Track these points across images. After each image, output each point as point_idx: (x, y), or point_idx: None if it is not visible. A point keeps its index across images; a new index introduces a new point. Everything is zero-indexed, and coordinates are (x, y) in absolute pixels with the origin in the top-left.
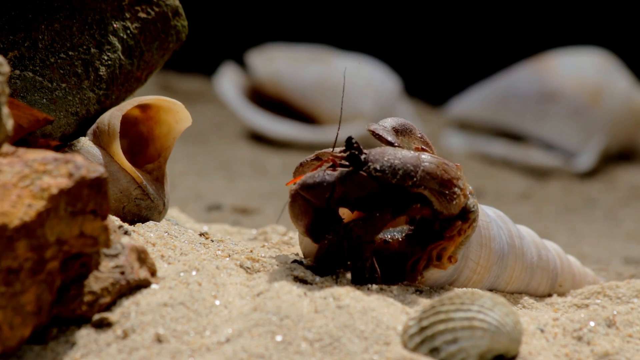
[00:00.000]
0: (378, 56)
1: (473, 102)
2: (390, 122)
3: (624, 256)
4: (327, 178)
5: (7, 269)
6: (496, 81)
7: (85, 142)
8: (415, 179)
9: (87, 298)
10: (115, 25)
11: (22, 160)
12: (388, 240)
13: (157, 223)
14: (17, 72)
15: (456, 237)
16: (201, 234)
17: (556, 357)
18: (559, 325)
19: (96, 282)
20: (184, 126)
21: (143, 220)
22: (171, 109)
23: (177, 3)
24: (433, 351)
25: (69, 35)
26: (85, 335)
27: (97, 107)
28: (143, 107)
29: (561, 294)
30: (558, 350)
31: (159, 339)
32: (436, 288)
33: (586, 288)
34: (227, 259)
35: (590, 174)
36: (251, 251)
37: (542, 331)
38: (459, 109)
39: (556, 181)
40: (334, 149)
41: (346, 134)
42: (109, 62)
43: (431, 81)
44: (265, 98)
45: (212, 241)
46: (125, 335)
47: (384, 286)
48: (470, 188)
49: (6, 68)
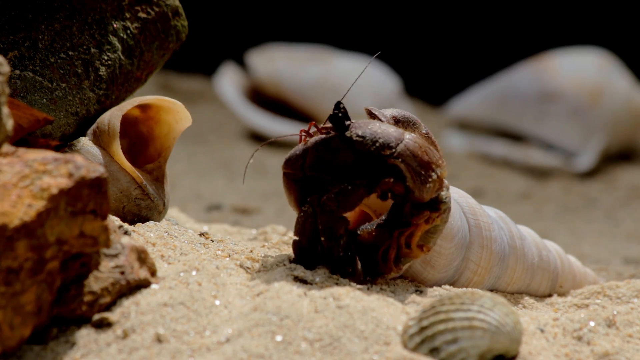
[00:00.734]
0: (378, 56)
1: (473, 102)
2: (391, 111)
3: (624, 256)
4: (302, 147)
5: (7, 269)
6: (496, 81)
7: (85, 142)
8: (393, 150)
9: (87, 298)
10: (115, 25)
11: (22, 160)
12: (358, 233)
13: (157, 223)
14: (17, 72)
15: (422, 225)
16: (201, 234)
17: (556, 357)
18: (559, 325)
19: (96, 282)
20: (184, 126)
21: (143, 220)
22: (171, 109)
23: (177, 3)
24: (433, 351)
25: (69, 35)
26: (85, 335)
27: (97, 107)
28: (143, 107)
29: (561, 294)
30: (558, 350)
31: (159, 339)
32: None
33: (586, 288)
34: (227, 259)
35: (590, 174)
36: (251, 251)
37: (542, 331)
38: (459, 109)
39: (556, 181)
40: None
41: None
42: (109, 62)
43: (431, 81)
44: (265, 98)
45: (212, 241)
46: (125, 335)
47: (385, 286)
48: (446, 182)
49: (6, 68)
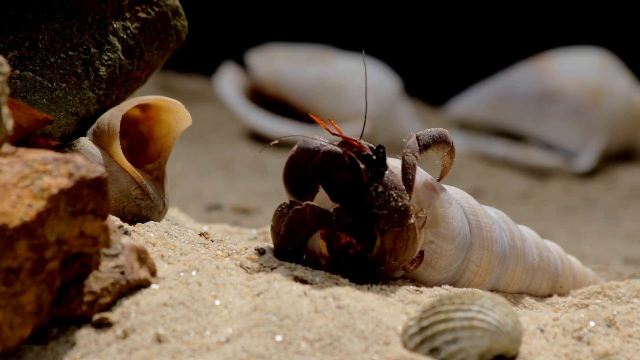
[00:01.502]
0: (378, 56)
1: (473, 102)
2: (429, 136)
3: (624, 256)
4: (319, 144)
5: (7, 269)
6: (496, 81)
7: (85, 142)
8: (389, 226)
9: (87, 298)
10: (115, 25)
11: (22, 160)
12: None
13: (157, 223)
14: (17, 72)
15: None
16: (201, 234)
17: (556, 357)
18: (559, 325)
19: (96, 282)
20: (184, 126)
21: (143, 220)
22: (171, 109)
23: (177, 3)
24: (433, 351)
25: (69, 35)
26: (85, 335)
27: (97, 107)
28: (143, 107)
29: (562, 294)
30: (558, 350)
31: (159, 339)
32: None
33: (586, 288)
34: (227, 259)
35: (590, 174)
36: (246, 249)
37: (542, 331)
38: (459, 109)
39: (556, 181)
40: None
41: (347, 134)
42: (109, 62)
43: (431, 81)
44: (265, 98)
45: (212, 241)
46: (125, 335)
47: (384, 286)
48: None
49: (6, 68)
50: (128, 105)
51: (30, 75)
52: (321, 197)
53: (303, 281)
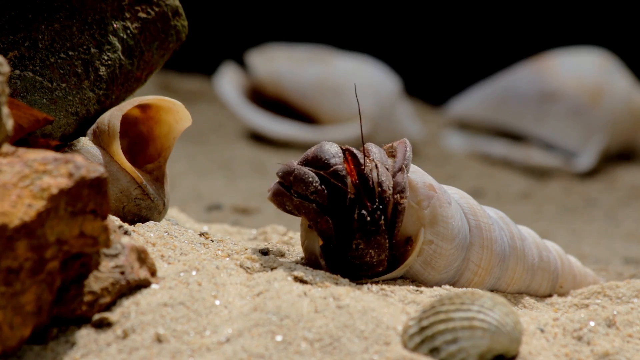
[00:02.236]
0: (378, 56)
1: (473, 102)
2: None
3: (624, 256)
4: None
5: (7, 269)
6: (496, 81)
7: (85, 142)
8: (356, 271)
9: (87, 298)
10: (115, 25)
11: (22, 160)
12: None
13: (157, 223)
14: (17, 72)
15: None
16: (201, 234)
17: (556, 357)
18: (559, 325)
19: (96, 282)
20: (184, 126)
21: (143, 220)
22: (171, 109)
23: (177, 3)
24: (433, 351)
25: (69, 35)
26: (85, 335)
27: (97, 107)
28: (143, 107)
29: (561, 294)
30: (558, 350)
31: (159, 339)
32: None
33: (586, 288)
34: (227, 259)
35: (590, 174)
36: (246, 249)
37: (542, 331)
38: (459, 109)
39: (556, 181)
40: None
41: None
42: (109, 62)
43: (431, 81)
44: (265, 98)
45: (212, 241)
46: (125, 335)
47: (385, 286)
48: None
49: (6, 68)
50: (128, 105)
51: (30, 75)
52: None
53: (303, 281)
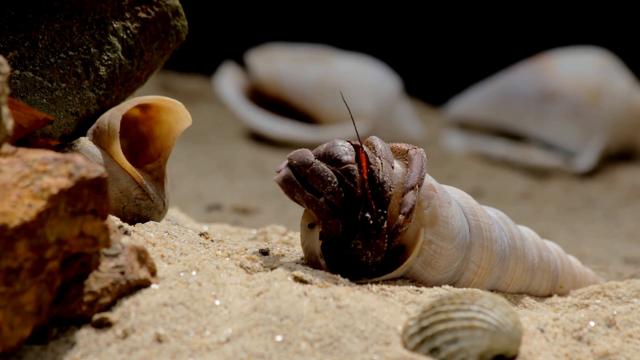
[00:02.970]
0: (378, 56)
1: (473, 102)
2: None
3: (624, 256)
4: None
5: (7, 269)
6: (496, 81)
7: (85, 142)
8: (351, 269)
9: (87, 298)
10: (115, 25)
11: (22, 160)
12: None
13: (157, 223)
14: (17, 72)
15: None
16: (201, 234)
17: (556, 357)
18: (559, 325)
19: (96, 282)
20: (184, 126)
21: (143, 220)
22: (171, 109)
23: (177, 3)
24: (433, 351)
25: (69, 35)
26: (85, 335)
27: (97, 107)
28: (143, 107)
29: (561, 294)
30: (558, 350)
31: (159, 339)
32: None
33: (586, 288)
34: (227, 259)
35: (590, 174)
36: (246, 249)
37: (542, 331)
38: (459, 109)
39: (556, 181)
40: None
41: (346, 134)
42: (109, 62)
43: (431, 81)
44: (265, 98)
45: (212, 241)
46: (125, 335)
47: (385, 286)
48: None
49: (6, 68)
50: (128, 105)
51: (30, 75)
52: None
53: (303, 281)
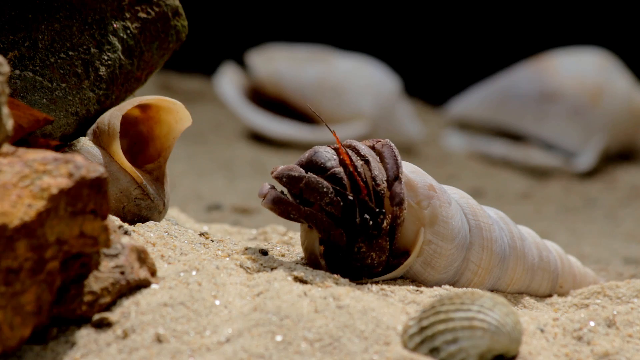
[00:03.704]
0: (378, 56)
1: (473, 102)
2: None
3: (624, 256)
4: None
5: (7, 269)
6: (496, 81)
7: (85, 142)
8: (357, 272)
9: (87, 298)
10: (115, 25)
11: (22, 160)
12: None
13: (157, 223)
14: (17, 72)
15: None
16: (201, 234)
17: (556, 357)
18: (559, 325)
19: (96, 282)
20: (184, 126)
21: (143, 220)
22: (171, 109)
23: (177, 3)
24: (433, 351)
25: (69, 35)
26: (85, 335)
27: (97, 107)
28: (143, 107)
29: (561, 294)
30: (558, 350)
31: (159, 339)
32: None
33: (586, 288)
34: (227, 259)
35: (590, 174)
36: (246, 249)
37: (542, 331)
38: (459, 109)
39: (556, 181)
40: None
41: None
42: (109, 62)
43: (431, 81)
44: (265, 98)
45: (212, 241)
46: (125, 335)
47: (385, 286)
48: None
49: (6, 68)
50: (128, 105)
51: (30, 75)
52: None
53: (303, 281)
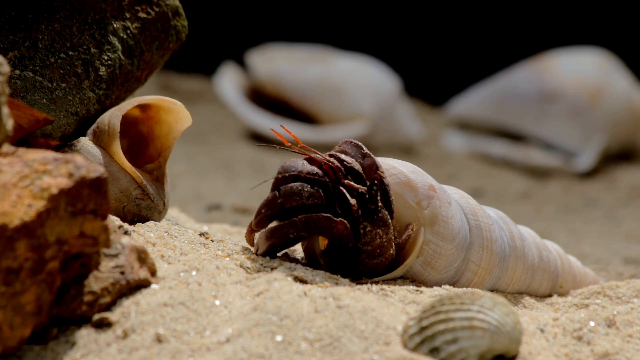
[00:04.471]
0: (378, 56)
1: (473, 102)
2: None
3: (624, 256)
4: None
5: (7, 269)
6: (496, 81)
7: (85, 142)
8: (369, 258)
9: (87, 298)
10: (115, 25)
11: (22, 160)
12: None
13: (157, 223)
14: (17, 72)
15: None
16: (201, 234)
17: (556, 357)
18: (559, 325)
19: (96, 282)
20: (184, 126)
21: (143, 220)
22: (171, 109)
23: (177, 3)
24: (433, 351)
25: (69, 35)
26: (85, 335)
27: (97, 107)
28: (143, 107)
29: (561, 294)
30: (558, 350)
31: (159, 339)
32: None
33: (586, 288)
34: (227, 259)
35: (590, 174)
36: (245, 250)
37: (542, 331)
38: (459, 109)
39: (556, 181)
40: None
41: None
42: (109, 62)
43: (431, 81)
44: (265, 98)
45: (212, 241)
46: (125, 335)
47: (385, 286)
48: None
49: (6, 68)
50: (128, 105)
51: (30, 75)
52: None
53: (303, 281)
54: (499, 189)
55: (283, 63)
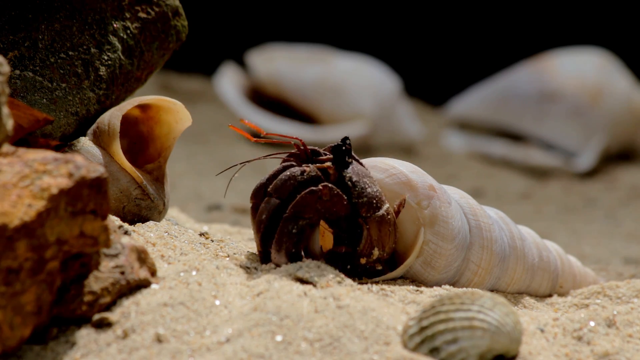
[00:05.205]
0: (378, 56)
1: (473, 102)
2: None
3: (624, 256)
4: (266, 175)
5: (7, 269)
6: (496, 81)
7: (85, 142)
8: (370, 211)
9: (87, 298)
10: (115, 25)
11: (22, 160)
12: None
13: (157, 223)
14: (17, 72)
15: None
16: (201, 234)
17: (556, 357)
18: (559, 325)
19: (96, 282)
20: (184, 126)
21: (143, 220)
22: (171, 109)
23: (177, 3)
24: (433, 351)
25: (69, 35)
26: (85, 335)
27: (97, 107)
28: (143, 107)
29: (561, 294)
30: (558, 350)
31: (159, 339)
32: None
33: (586, 288)
34: (227, 259)
35: (590, 174)
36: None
37: (542, 331)
38: (459, 109)
39: (556, 181)
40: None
41: (346, 134)
42: (109, 62)
43: (431, 81)
44: (265, 98)
45: (212, 241)
46: (125, 335)
47: (385, 286)
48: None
49: (6, 68)
50: (128, 105)
51: (30, 75)
52: None
53: (303, 281)
54: (499, 189)
55: (283, 63)
